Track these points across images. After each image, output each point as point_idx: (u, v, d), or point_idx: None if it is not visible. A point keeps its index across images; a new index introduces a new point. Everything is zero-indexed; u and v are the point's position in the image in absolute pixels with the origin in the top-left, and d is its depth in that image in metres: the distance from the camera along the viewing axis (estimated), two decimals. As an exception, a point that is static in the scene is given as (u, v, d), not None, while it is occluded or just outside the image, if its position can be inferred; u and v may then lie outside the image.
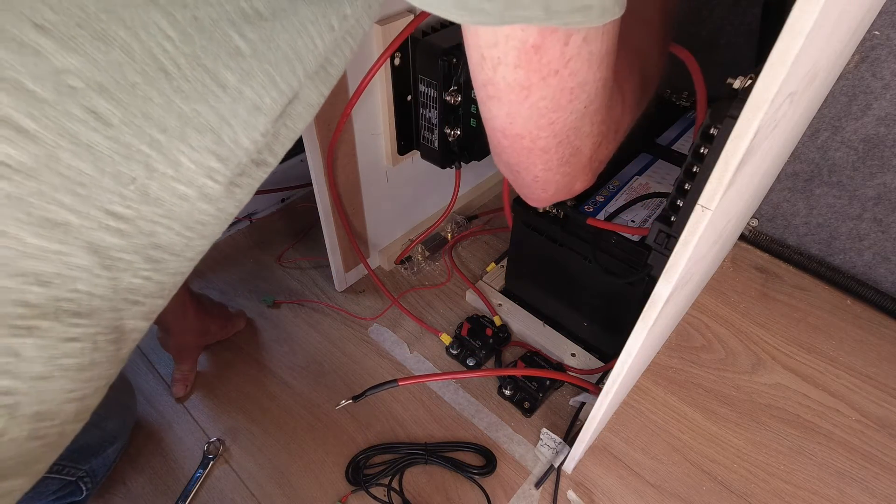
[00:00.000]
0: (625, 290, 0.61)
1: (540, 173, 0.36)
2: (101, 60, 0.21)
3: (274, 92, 0.27)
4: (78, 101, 0.21)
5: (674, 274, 0.33)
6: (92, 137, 0.22)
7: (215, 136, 0.26)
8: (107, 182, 0.23)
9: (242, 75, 0.25)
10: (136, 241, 0.26)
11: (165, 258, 0.28)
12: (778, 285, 0.81)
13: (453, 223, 0.89)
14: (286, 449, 0.62)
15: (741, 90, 0.38)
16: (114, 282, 0.26)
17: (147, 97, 0.23)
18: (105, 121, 0.22)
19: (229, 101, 0.25)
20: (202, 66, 0.24)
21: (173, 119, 0.24)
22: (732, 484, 0.60)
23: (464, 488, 0.59)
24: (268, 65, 0.26)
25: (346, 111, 0.60)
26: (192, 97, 0.24)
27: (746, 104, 0.25)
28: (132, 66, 0.22)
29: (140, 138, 0.24)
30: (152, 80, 0.23)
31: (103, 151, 0.23)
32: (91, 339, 0.26)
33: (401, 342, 0.74)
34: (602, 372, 0.67)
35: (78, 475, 0.52)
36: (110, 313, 0.26)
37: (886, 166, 0.69)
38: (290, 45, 0.26)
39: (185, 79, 0.24)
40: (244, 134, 0.27)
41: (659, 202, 0.63)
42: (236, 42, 0.24)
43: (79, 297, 0.24)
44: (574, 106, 0.30)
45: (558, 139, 0.33)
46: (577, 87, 0.29)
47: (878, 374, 0.70)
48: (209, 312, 0.68)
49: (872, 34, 0.63)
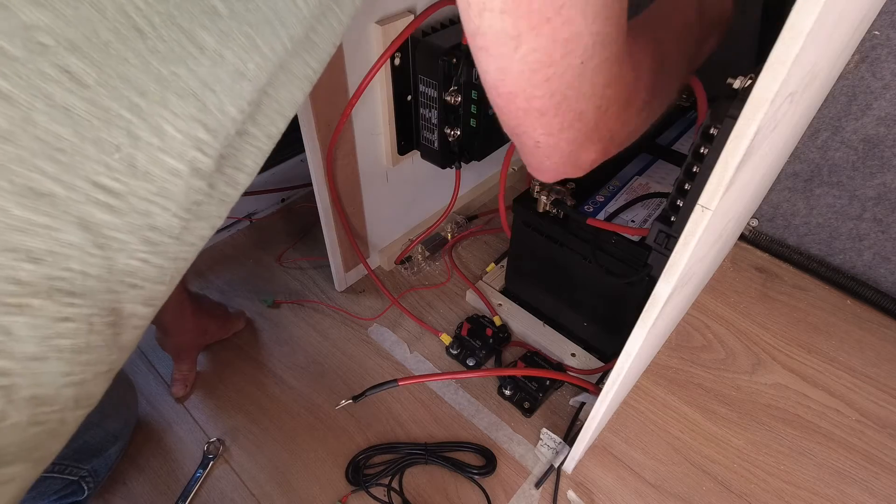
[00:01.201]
0: (625, 290, 0.61)
1: (541, 138, 0.34)
2: (71, 16, 0.21)
3: (257, 56, 0.26)
4: (50, 59, 0.21)
5: (674, 274, 0.33)
6: (68, 99, 0.22)
7: (199, 104, 0.25)
8: (88, 149, 0.23)
9: (221, 37, 0.25)
10: (131, 220, 0.25)
11: (164, 241, 0.27)
12: (778, 285, 0.81)
13: (453, 223, 0.89)
14: (286, 449, 0.62)
15: (741, 90, 0.38)
16: (109, 262, 0.25)
17: (122, 57, 0.22)
18: (80, 81, 0.22)
19: (209, 64, 0.25)
20: (177, 26, 0.23)
21: (151, 82, 0.23)
22: (732, 484, 0.60)
23: (464, 488, 0.59)
24: (247, 27, 0.25)
25: (347, 111, 0.60)
26: (169, 58, 0.23)
27: (746, 104, 0.25)
28: (104, 23, 0.21)
29: (118, 101, 0.23)
30: (126, 39, 0.22)
31: (81, 115, 0.22)
32: (86, 321, 0.25)
33: (401, 342, 0.74)
34: (602, 372, 0.67)
35: (80, 475, 0.53)
36: (106, 294, 0.26)
37: (886, 166, 0.69)
38: (269, 6, 0.26)
39: (160, 38, 0.23)
40: (230, 102, 0.26)
41: (659, 202, 0.63)
42: (212, 1, 0.24)
43: (72, 276, 0.24)
44: (569, 60, 0.28)
45: (556, 99, 0.30)
46: (572, 38, 0.27)
47: (878, 374, 0.70)
48: (207, 312, 0.68)
49: (872, 34, 0.63)
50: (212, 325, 0.69)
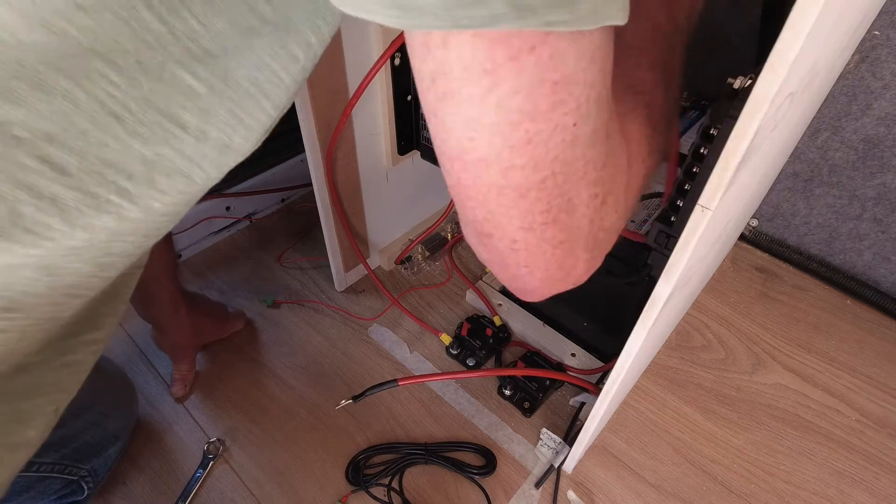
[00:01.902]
0: (625, 290, 0.61)
1: (518, 234, 0.26)
2: (45, 110, 0.21)
3: (242, 129, 0.26)
4: (28, 151, 0.21)
5: (674, 274, 0.33)
6: (53, 189, 0.22)
7: (186, 179, 0.25)
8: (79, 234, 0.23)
9: (202, 115, 0.24)
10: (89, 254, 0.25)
11: (116, 261, 0.27)
12: (778, 285, 0.81)
13: (453, 223, 0.89)
14: (286, 449, 0.62)
15: (741, 90, 0.38)
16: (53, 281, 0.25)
17: (102, 143, 0.22)
18: (62, 170, 0.22)
19: (193, 141, 0.25)
20: (155, 109, 0.23)
21: (137, 164, 0.23)
22: (732, 484, 0.60)
23: (464, 488, 0.59)
24: (229, 102, 0.25)
25: (347, 111, 0.60)
26: (151, 140, 0.23)
27: (746, 104, 0.25)
28: (79, 113, 0.21)
29: (106, 188, 0.23)
30: (104, 126, 0.22)
31: (68, 203, 0.22)
32: (20, 330, 0.26)
33: (401, 342, 0.74)
34: (602, 372, 0.67)
35: (80, 474, 0.53)
36: (47, 307, 0.26)
37: (886, 166, 0.69)
38: (250, 80, 0.25)
39: (139, 122, 0.23)
40: (216, 172, 0.27)
41: (659, 202, 0.63)
42: (188, 81, 0.23)
43: (11, 294, 0.24)
44: (560, 118, 0.22)
45: (540, 174, 0.23)
46: (563, 83, 0.21)
47: (878, 374, 0.70)
48: (203, 311, 0.68)
49: (872, 34, 0.63)
50: (208, 324, 0.69)
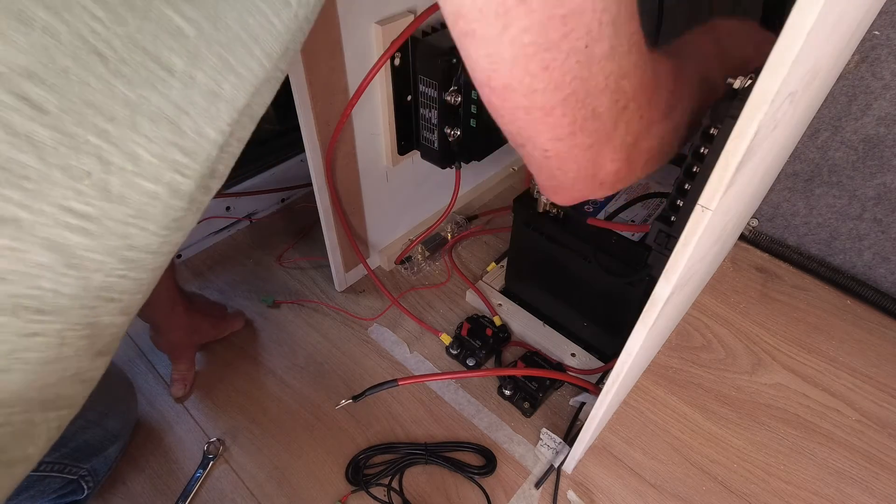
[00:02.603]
0: (625, 290, 0.61)
1: (550, 145, 0.28)
2: (23, 42, 0.20)
3: (232, 76, 0.25)
4: (4, 87, 0.20)
5: (674, 274, 0.33)
6: (29, 127, 0.21)
7: (173, 127, 0.25)
8: (56, 175, 0.22)
9: (190, 58, 0.24)
10: (108, 241, 0.25)
11: (142, 257, 0.27)
12: (778, 285, 0.81)
13: (453, 223, 0.89)
14: (286, 449, 0.62)
15: (741, 90, 0.37)
16: (84, 280, 0.25)
17: (83, 82, 0.22)
18: (40, 108, 0.21)
19: (180, 86, 0.24)
20: (141, 49, 0.22)
21: (119, 106, 0.23)
22: (732, 484, 0.60)
23: (464, 488, 0.59)
24: (218, 46, 0.24)
25: (347, 111, 0.60)
26: (135, 82, 0.23)
27: (746, 104, 0.25)
28: (59, 48, 0.21)
29: (84, 127, 0.22)
30: (86, 64, 0.21)
31: (45, 142, 0.22)
32: (57, 335, 0.25)
33: (401, 342, 0.74)
34: (602, 372, 0.67)
35: (80, 474, 0.53)
36: (81, 310, 0.26)
37: (886, 166, 0.69)
38: (240, 23, 0.24)
39: (123, 62, 0.22)
40: (207, 124, 0.26)
41: (659, 202, 0.63)
42: (177, 22, 0.23)
43: (42, 293, 0.24)
44: (571, 44, 0.24)
45: (562, 93, 0.25)
46: (570, 14, 0.23)
47: (878, 374, 0.70)
48: (200, 311, 0.68)
49: (872, 34, 0.63)
50: (205, 323, 0.69)
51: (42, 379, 0.26)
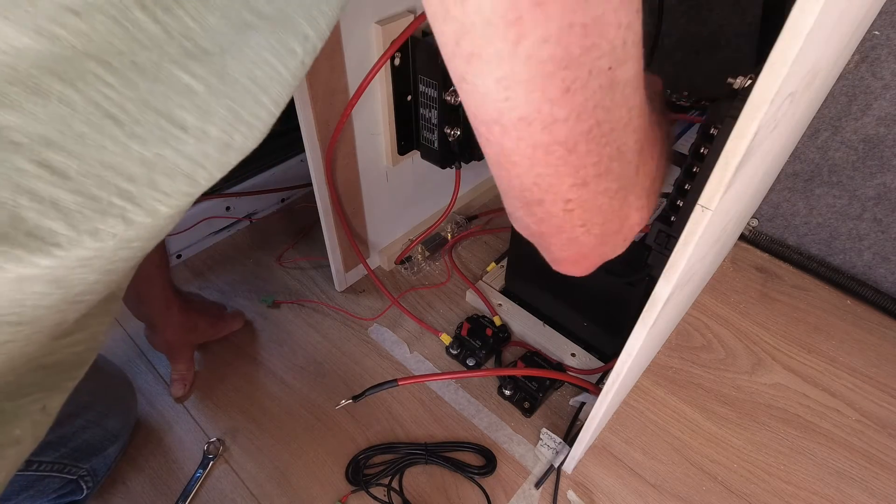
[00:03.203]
0: (625, 290, 0.61)
1: (572, 193, 0.25)
2: (41, 114, 0.20)
3: (243, 127, 0.26)
4: (26, 156, 0.21)
5: (674, 274, 0.33)
6: (53, 193, 0.21)
7: (189, 180, 0.25)
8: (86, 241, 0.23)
9: (201, 114, 0.24)
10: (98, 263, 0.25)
11: (120, 267, 0.27)
12: (778, 285, 0.81)
13: (453, 223, 0.89)
14: (286, 449, 0.62)
15: (741, 90, 0.38)
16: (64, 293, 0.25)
17: (100, 146, 0.22)
18: (62, 174, 0.21)
19: (193, 142, 0.24)
20: (153, 109, 0.23)
21: (136, 166, 0.23)
22: (732, 484, 0.60)
23: (464, 488, 0.59)
24: (227, 100, 0.25)
25: (347, 111, 0.60)
26: (150, 141, 0.23)
27: (746, 104, 0.25)
28: (75, 116, 0.21)
29: (107, 190, 0.23)
30: (101, 128, 0.22)
31: (70, 207, 0.22)
32: (26, 339, 0.26)
33: (401, 342, 0.74)
34: (602, 372, 0.67)
35: (79, 474, 0.53)
36: (55, 315, 0.26)
37: (886, 166, 0.69)
38: (248, 76, 0.25)
39: (136, 123, 0.23)
40: (218, 171, 0.26)
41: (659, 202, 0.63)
42: (185, 80, 0.23)
43: (23, 310, 0.24)
44: (593, 62, 0.21)
45: (585, 124, 0.22)
46: (593, 24, 0.20)
47: (878, 374, 0.70)
48: (197, 310, 0.68)
49: (872, 34, 0.63)
50: (202, 322, 0.69)
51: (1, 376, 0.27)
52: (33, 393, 0.30)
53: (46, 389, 0.31)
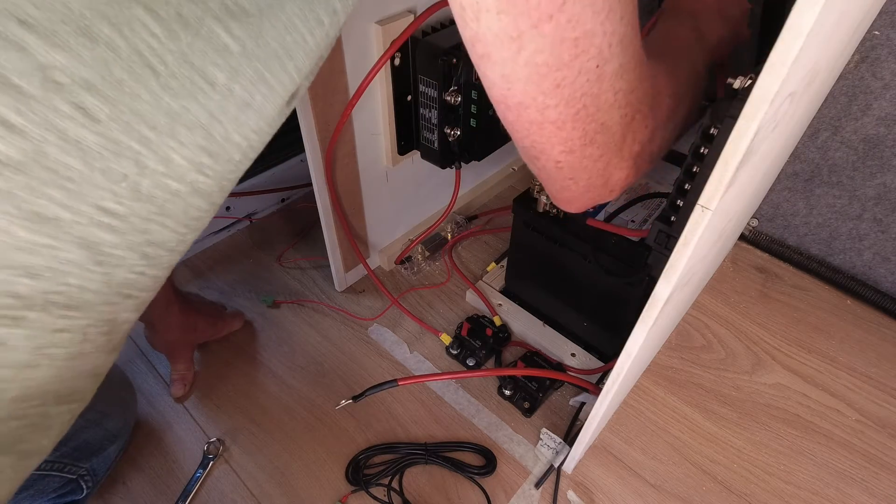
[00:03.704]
0: (625, 290, 0.61)
1: (562, 157, 0.30)
2: (87, 57, 0.21)
3: (264, 88, 0.27)
4: (65, 97, 0.21)
5: (674, 274, 0.33)
6: (80, 133, 0.22)
7: (206, 133, 0.26)
8: (97, 178, 0.23)
9: (231, 73, 0.25)
10: (131, 237, 0.26)
11: (161, 254, 0.28)
12: (778, 285, 0.81)
13: (453, 223, 0.89)
14: (286, 449, 0.62)
15: (741, 90, 0.37)
16: (107, 277, 0.26)
17: (135, 94, 0.23)
18: (93, 117, 0.22)
19: (219, 98, 0.25)
20: (189, 64, 0.24)
21: (162, 116, 0.24)
22: (732, 484, 0.60)
23: (464, 488, 0.59)
24: (257, 62, 0.26)
25: (347, 111, 0.60)
26: (180, 94, 0.24)
27: (746, 104, 0.25)
28: (118, 62, 0.22)
29: (129, 135, 0.23)
30: (139, 77, 0.23)
31: (92, 147, 0.23)
32: (81, 331, 0.26)
33: (401, 342, 0.74)
34: (602, 372, 0.67)
35: (79, 473, 0.53)
36: (104, 307, 0.27)
37: (886, 166, 0.69)
38: (278, 41, 0.26)
39: (172, 76, 0.23)
40: (235, 130, 0.27)
41: (659, 202, 0.63)
42: (224, 39, 0.24)
43: (69, 290, 0.24)
44: (582, 63, 0.25)
45: (573, 108, 0.27)
46: (582, 37, 0.24)
47: (878, 374, 0.70)
48: (196, 310, 0.68)
49: (872, 34, 0.63)
50: (201, 322, 0.68)
51: (63, 374, 0.27)
52: (75, 401, 0.30)
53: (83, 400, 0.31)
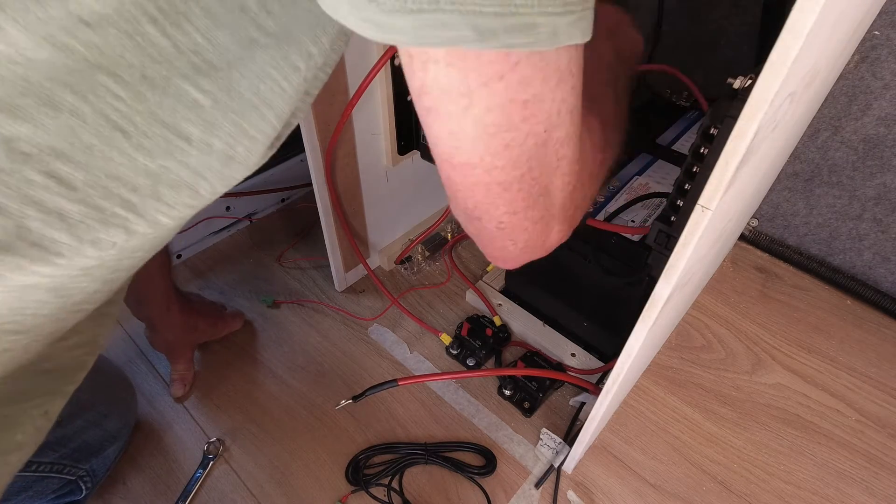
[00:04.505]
0: (625, 290, 0.61)
1: (504, 217, 0.29)
2: (51, 126, 0.21)
3: (245, 140, 0.27)
4: (34, 167, 0.21)
5: (674, 274, 0.33)
6: (58, 203, 0.22)
7: (192, 192, 0.26)
8: (88, 251, 0.23)
9: (207, 127, 0.25)
10: (99, 273, 0.26)
11: (121, 276, 0.28)
12: (778, 285, 0.81)
13: (453, 223, 0.89)
14: (286, 449, 0.62)
15: (741, 90, 0.37)
16: (63, 302, 0.25)
17: (107, 157, 0.23)
18: (68, 184, 0.22)
19: (197, 154, 0.25)
20: (160, 122, 0.23)
21: (141, 177, 0.24)
22: (732, 484, 0.60)
23: (464, 488, 0.59)
24: (233, 114, 0.25)
25: (347, 112, 0.60)
26: (155, 153, 0.24)
27: (746, 104, 0.25)
28: (85, 128, 0.22)
29: (111, 200, 0.23)
30: (109, 140, 0.22)
31: (74, 217, 0.22)
32: (23, 348, 0.26)
33: (401, 342, 0.74)
34: (602, 372, 0.67)
35: (78, 474, 0.53)
36: (54, 324, 0.26)
37: (886, 166, 0.69)
38: (252, 92, 0.25)
39: (144, 136, 0.23)
40: (221, 184, 0.27)
41: (659, 202, 0.63)
42: (193, 95, 0.24)
43: (23, 319, 0.24)
44: (531, 127, 0.24)
45: (519, 171, 0.26)
46: (532, 101, 0.24)
47: (878, 374, 0.70)
48: (196, 310, 0.68)
49: (872, 34, 0.63)
50: (202, 322, 0.69)
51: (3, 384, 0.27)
52: (35, 398, 0.30)
53: (48, 394, 0.31)
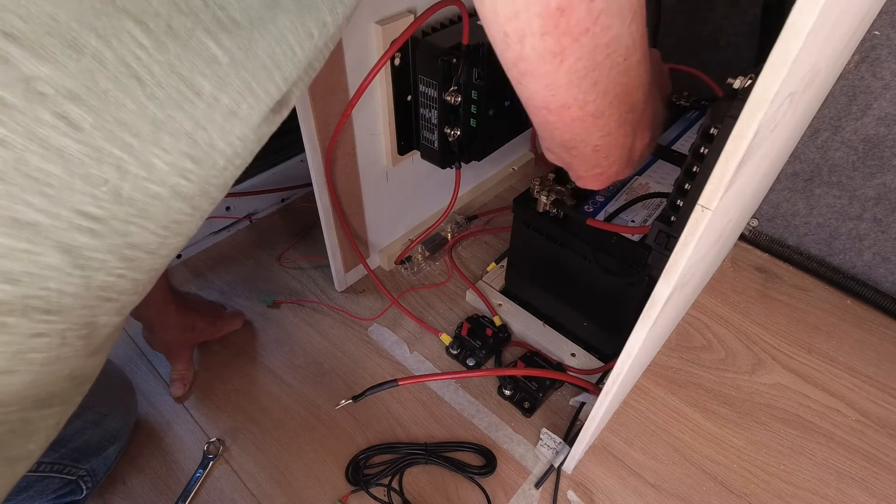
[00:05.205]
0: (625, 290, 0.61)
1: (600, 141, 0.34)
2: (72, 67, 0.21)
3: (250, 98, 0.27)
4: (48, 107, 0.21)
5: (674, 274, 0.33)
6: (62, 142, 0.22)
7: (190, 140, 0.26)
8: (77, 183, 0.23)
9: (218, 83, 0.25)
10: (110, 240, 0.26)
11: (140, 256, 0.28)
12: (778, 285, 0.81)
13: (453, 223, 0.89)
14: (286, 449, 0.62)
15: (741, 90, 0.37)
16: (86, 280, 0.26)
17: (119, 103, 0.23)
18: (76, 126, 0.22)
19: (204, 107, 0.25)
20: (177, 74, 0.24)
21: (146, 124, 0.24)
22: (732, 484, 0.60)
23: (464, 488, 0.59)
24: (245, 72, 0.26)
25: (347, 111, 0.60)
26: (166, 104, 0.24)
27: (746, 104, 0.25)
28: (104, 73, 0.22)
29: (112, 142, 0.24)
30: (125, 87, 0.23)
31: (73, 154, 0.23)
32: (59, 335, 0.26)
33: (401, 342, 0.74)
34: (602, 372, 0.67)
35: (78, 474, 0.53)
36: (82, 310, 0.27)
37: (886, 166, 0.69)
38: (268, 53, 0.26)
39: (158, 86, 0.24)
40: (220, 138, 0.27)
41: (659, 202, 0.63)
42: (213, 50, 0.24)
43: (49, 294, 0.24)
44: (613, 60, 0.29)
45: (608, 98, 0.31)
46: (612, 41, 0.28)
47: (878, 374, 0.70)
48: (194, 309, 0.68)
49: (872, 34, 0.63)
50: (200, 322, 0.68)
51: (40, 378, 0.27)
52: (56, 405, 0.30)
53: (65, 403, 0.31)
